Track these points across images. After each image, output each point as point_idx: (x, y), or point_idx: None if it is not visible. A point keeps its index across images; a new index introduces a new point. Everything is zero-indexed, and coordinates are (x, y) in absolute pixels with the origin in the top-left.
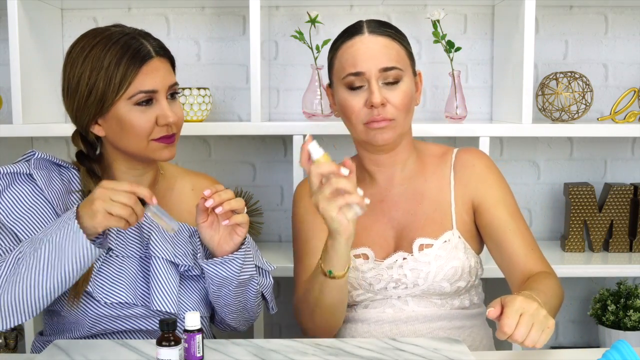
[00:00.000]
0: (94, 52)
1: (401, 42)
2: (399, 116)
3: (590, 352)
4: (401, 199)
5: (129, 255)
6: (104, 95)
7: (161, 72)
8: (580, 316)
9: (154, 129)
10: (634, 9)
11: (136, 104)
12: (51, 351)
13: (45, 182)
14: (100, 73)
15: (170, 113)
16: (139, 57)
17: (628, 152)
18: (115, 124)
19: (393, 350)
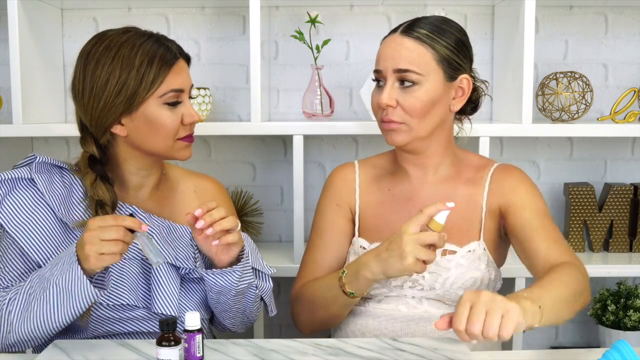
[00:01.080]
0: (122, 51)
1: (433, 45)
2: (411, 121)
3: (590, 352)
4: (430, 200)
5: (131, 257)
6: (135, 93)
7: (186, 73)
8: (580, 316)
9: (180, 128)
10: (634, 9)
11: (165, 103)
12: (51, 351)
13: (46, 186)
14: (131, 72)
15: (194, 111)
16: (169, 57)
17: (628, 152)
18: (142, 122)
19: (393, 350)
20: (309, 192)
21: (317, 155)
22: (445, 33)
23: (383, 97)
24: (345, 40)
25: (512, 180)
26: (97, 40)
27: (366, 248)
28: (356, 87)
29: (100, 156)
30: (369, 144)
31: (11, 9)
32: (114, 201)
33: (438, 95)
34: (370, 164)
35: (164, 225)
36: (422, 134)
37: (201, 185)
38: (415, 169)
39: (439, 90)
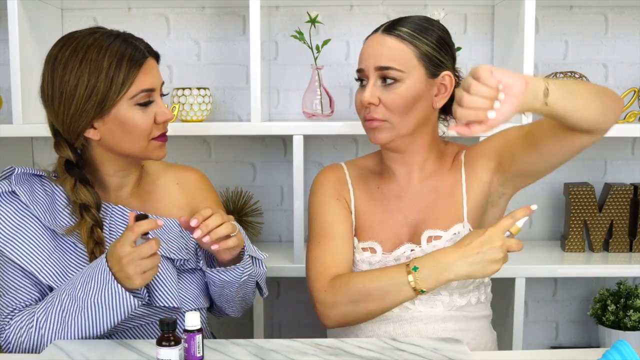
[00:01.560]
0: (90, 54)
1: (414, 43)
2: (393, 118)
3: (590, 352)
4: (418, 197)
5: None
6: (106, 96)
7: (155, 71)
8: (580, 316)
9: (153, 128)
10: (634, 9)
11: (137, 104)
12: (51, 351)
13: (28, 196)
14: (100, 75)
15: (168, 111)
16: (138, 56)
17: (628, 152)
18: (115, 125)
19: (393, 350)
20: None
21: (317, 155)
22: (427, 31)
23: (365, 95)
24: (345, 40)
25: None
26: (63, 43)
27: (355, 247)
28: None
29: (77, 160)
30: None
31: (11, 9)
32: (97, 202)
33: (419, 91)
34: (356, 164)
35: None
36: (404, 131)
37: (184, 177)
38: (401, 168)
39: (421, 87)
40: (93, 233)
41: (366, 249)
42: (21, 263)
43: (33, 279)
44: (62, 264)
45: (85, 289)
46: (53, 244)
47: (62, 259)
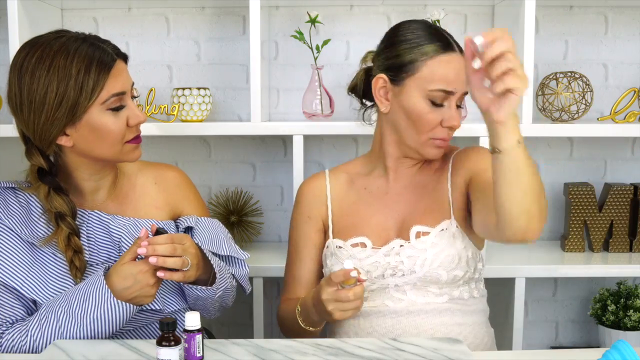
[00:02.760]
0: (57, 61)
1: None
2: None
3: (590, 352)
4: (405, 192)
5: (103, 262)
6: (76, 103)
7: (125, 74)
8: (580, 316)
9: (126, 132)
10: (634, 9)
11: (108, 109)
12: (51, 351)
13: (3, 210)
14: (70, 82)
15: (140, 113)
16: (106, 61)
17: (628, 152)
18: (87, 131)
19: (393, 350)
20: None
21: (317, 155)
22: None
23: (456, 119)
24: (345, 40)
25: (470, 151)
26: (28, 50)
27: (342, 247)
28: None
29: (50, 167)
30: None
31: (11, 9)
32: (72, 210)
33: None
34: (341, 170)
35: (130, 224)
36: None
37: (161, 175)
38: (397, 166)
39: None
40: (70, 241)
41: (356, 245)
42: (2, 278)
43: (15, 294)
44: (43, 275)
45: (83, 307)
46: (32, 256)
47: (43, 270)
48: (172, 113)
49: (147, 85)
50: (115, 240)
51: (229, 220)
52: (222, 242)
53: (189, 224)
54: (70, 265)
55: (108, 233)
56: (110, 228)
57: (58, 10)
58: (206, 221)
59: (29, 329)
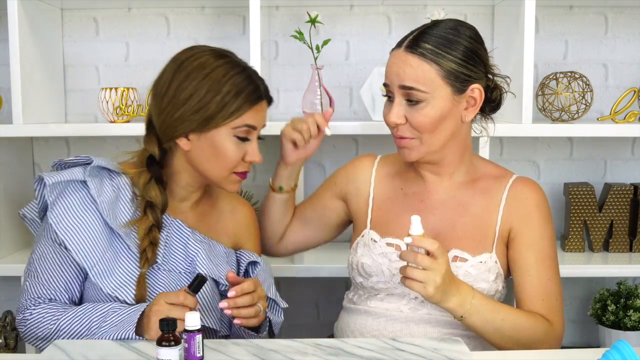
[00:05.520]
0: (215, 73)
1: (438, 61)
2: (421, 136)
3: (590, 352)
4: (442, 207)
5: (170, 270)
6: (212, 117)
7: (264, 114)
8: (580, 316)
9: (239, 164)
10: (634, 9)
11: (235, 136)
12: (51, 351)
13: (97, 190)
14: (216, 97)
15: (258, 153)
16: (256, 95)
17: (628, 152)
18: (207, 145)
19: (393, 350)
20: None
21: (317, 155)
22: (453, 45)
23: (391, 115)
24: (345, 40)
25: (530, 204)
26: (193, 53)
27: (377, 242)
28: (356, 87)
29: (160, 158)
30: (369, 144)
31: (11, 9)
32: (164, 204)
33: (446, 110)
34: (390, 160)
35: (206, 242)
36: (434, 147)
37: (238, 209)
38: (430, 174)
39: (447, 105)
40: (150, 232)
41: (391, 245)
42: (75, 255)
43: (78, 276)
44: (112, 264)
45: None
46: (108, 241)
47: (113, 259)
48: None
49: (147, 85)
50: (191, 254)
51: None
52: (270, 285)
53: (254, 258)
54: (141, 255)
55: (185, 245)
56: (189, 242)
57: (58, 10)
58: (263, 262)
59: (60, 320)
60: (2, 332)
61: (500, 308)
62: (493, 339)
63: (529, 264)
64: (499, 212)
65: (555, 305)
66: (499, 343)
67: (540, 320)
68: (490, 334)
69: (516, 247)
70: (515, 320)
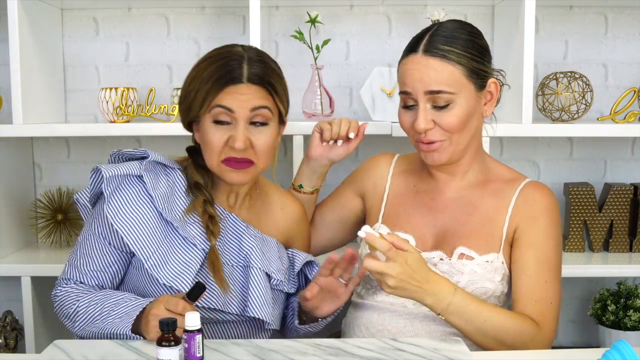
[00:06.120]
0: (203, 64)
1: (461, 61)
2: (452, 137)
3: (590, 352)
4: (452, 205)
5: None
6: (192, 105)
7: (244, 97)
8: (580, 316)
9: (224, 149)
10: (634, 9)
11: (214, 121)
12: (51, 351)
13: (153, 185)
14: (195, 84)
15: (242, 138)
16: (225, 79)
17: (628, 152)
18: (201, 134)
19: (393, 350)
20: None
21: None
22: (467, 43)
23: (420, 122)
24: (345, 40)
25: (538, 207)
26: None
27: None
28: (356, 87)
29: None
30: (368, 143)
31: (11, 9)
32: (206, 182)
33: (472, 107)
34: (408, 159)
35: (259, 237)
36: (461, 146)
37: (289, 206)
38: (443, 174)
39: (473, 102)
40: (206, 208)
41: None
42: (133, 247)
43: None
44: (168, 255)
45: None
46: (164, 234)
47: (169, 250)
48: (172, 113)
49: (147, 85)
50: (245, 249)
51: None
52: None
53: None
54: (207, 230)
55: (239, 240)
56: (243, 236)
57: (58, 10)
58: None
59: (79, 302)
60: (2, 332)
61: (484, 308)
62: (475, 338)
63: (527, 264)
64: (508, 213)
65: (549, 309)
66: (481, 342)
67: (527, 323)
68: (472, 333)
69: (518, 247)
70: (499, 321)
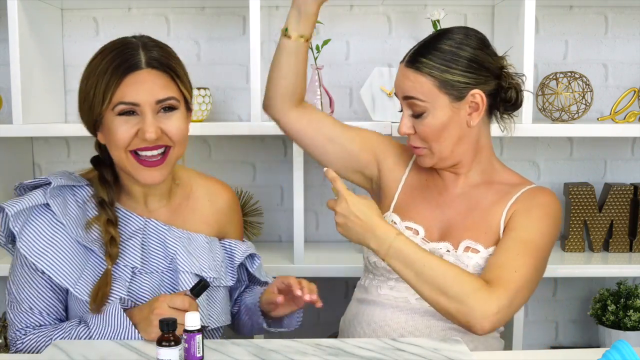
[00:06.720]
0: (95, 59)
1: (432, 74)
2: (430, 145)
3: (590, 352)
4: (457, 201)
5: (153, 271)
6: (93, 105)
7: (147, 85)
8: (580, 316)
9: (134, 140)
10: (634, 9)
11: (119, 114)
12: (51, 351)
13: (61, 210)
14: (92, 81)
15: (151, 128)
16: (124, 67)
17: (628, 152)
18: (106, 131)
19: (393, 350)
20: (309, 192)
21: None
22: (450, 57)
23: (400, 126)
24: (345, 40)
25: (535, 202)
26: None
27: (397, 223)
28: (356, 87)
29: (104, 157)
30: None
31: (11, 9)
32: (111, 199)
33: (446, 118)
34: None
35: (184, 237)
36: (444, 154)
37: (216, 194)
38: (448, 173)
39: (447, 113)
40: (108, 227)
41: (410, 229)
42: (54, 278)
43: (59, 296)
44: (94, 278)
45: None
46: (84, 258)
47: (94, 274)
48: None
49: None
50: (170, 252)
51: None
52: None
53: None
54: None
55: (163, 244)
56: (167, 240)
57: (58, 10)
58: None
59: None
60: (2, 332)
61: (425, 254)
62: (416, 286)
63: (505, 240)
64: (506, 207)
65: (511, 276)
66: (422, 291)
67: (473, 278)
68: (413, 280)
69: (505, 232)
70: (439, 268)
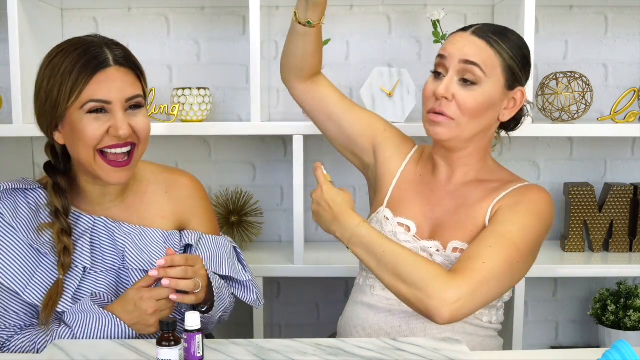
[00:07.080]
0: (56, 59)
1: (501, 53)
2: (461, 119)
3: (590, 352)
4: (447, 198)
5: (107, 269)
6: (57, 102)
7: (117, 83)
8: (580, 316)
9: (104, 138)
10: (634, 9)
11: (89, 112)
12: (51, 351)
13: (12, 213)
14: (56, 79)
15: (124, 125)
16: (93, 64)
17: (628, 152)
18: (69, 130)
19: (393, 350)
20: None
21: (317, 155)
22: (514, 43)
23: (440, 87)
24: (345, 40)
25: (524, 198)
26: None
27: (389, 220)
28: (356, 87)
29: (56, 163)
30: None
31: (11, 9)
32: (65, 209)
33: (494, 99)
34: (423, 150)
35: (135, 232)
36: (466, 134)
37: (174, 183)
38: (444, 166)
39: (497, 95)
40: (61, 237)
41: (402, 225)
42: (4, 282)
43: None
44: (45, 282)
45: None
46: (36, 261)
47: (46, 277)
48: (172, 113)
49: None
50: (120, 248)
51: (229, 220)
52: (222, 262)
53: (189, 241)
54: (58, 261)
55: (112, 240)
56: (115, 236)
57: (58, 10)
58: (209, 238)
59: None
60: None
61: (386, 241)
62: (377, 273)
63: (483, 233)
64: (492, 204)
65: (478, 267)
66: (382, 278)
67: (435, 266)
68: (374, 266)
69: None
70: (399, 254)
